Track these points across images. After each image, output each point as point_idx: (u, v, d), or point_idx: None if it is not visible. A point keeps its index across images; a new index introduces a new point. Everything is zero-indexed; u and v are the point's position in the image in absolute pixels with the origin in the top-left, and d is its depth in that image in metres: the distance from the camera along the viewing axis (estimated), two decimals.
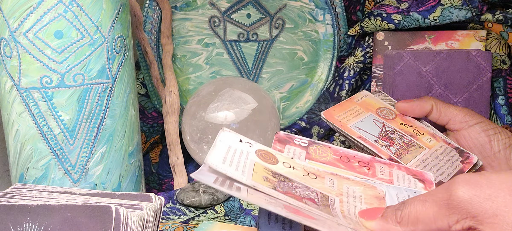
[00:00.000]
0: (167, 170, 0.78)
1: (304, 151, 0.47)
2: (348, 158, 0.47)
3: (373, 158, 0.48)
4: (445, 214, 0.32)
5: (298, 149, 0.47)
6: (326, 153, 0.47)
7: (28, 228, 0.38)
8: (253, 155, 0.41)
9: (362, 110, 0.57)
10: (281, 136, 0.49)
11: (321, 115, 0.56)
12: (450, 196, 0.32)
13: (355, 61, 0.79)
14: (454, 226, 0.32)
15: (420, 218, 0.33)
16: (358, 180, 0.44)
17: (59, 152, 0.53)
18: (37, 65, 0.51)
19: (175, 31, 0.81)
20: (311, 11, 0.82)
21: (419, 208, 0.33)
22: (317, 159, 0.46)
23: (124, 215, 0.38)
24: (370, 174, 0.45)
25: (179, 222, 0.60)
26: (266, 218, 0.38)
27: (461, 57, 0.68)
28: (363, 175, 0.45)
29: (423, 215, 0.33)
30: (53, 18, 0.50)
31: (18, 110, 0.53)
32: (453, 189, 0.32)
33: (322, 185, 0.42)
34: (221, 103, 0.68)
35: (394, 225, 0.34)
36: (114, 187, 0.56)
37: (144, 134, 0.79)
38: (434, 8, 0.73)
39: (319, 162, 0.46)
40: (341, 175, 0.44)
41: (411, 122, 0.57)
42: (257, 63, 0.83)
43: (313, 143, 0.48)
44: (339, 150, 0.48)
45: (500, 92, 0.72)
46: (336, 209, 0.39)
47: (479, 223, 0.31)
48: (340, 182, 0.43)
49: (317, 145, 0.48)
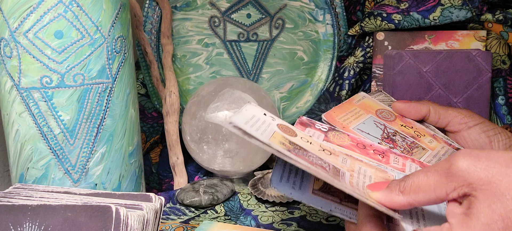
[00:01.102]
0: (167, 170, 0.78)
1: (323, 135, 0.49)
2: (365, 146, 0.49)
3: (388, 149, 0.49)
4: (444, 182, 0.34)
5: (318, 132, 0.49)
6: (344, 138, 0.49)
7: (28, 228, 0.38)
8: (274, 125, 0.43)
9: (362, 112, 0.57)
10: (304, 119, 0.51)
11: (322, 117, 0.56)
12: (450, 166, 0.34)
13: (355, 61, 0.79)
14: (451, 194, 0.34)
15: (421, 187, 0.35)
16: (371, 163, 0.46)
17: (59, 152, 0.53)
18: (37, 65, 0.51)
19: (175, 31, 0.81)
20: (311, 11, 0.82)
21: (421, 178, 0.35)
22: (334, 142, 0.48)
23: (124, 215, 0.38)
24: (383, 162, 0.47)
25: (179, 222, 0.60)
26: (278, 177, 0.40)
27: (461, 57, 0.68)
28: (376, 161, 0.47)
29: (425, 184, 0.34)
30: (53, 18, 0.50)
31: (18, 110, 0.53)
32: (453, 160, 0.34)
33: (336, 160, 0.44)
34: (221, 103, 0.68)
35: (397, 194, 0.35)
36: (114, 187, 0.56)
37: (144, 134, 0.79)
38: (434, 8, 0.73)
39: (336, 144, 0.48)
40: (355, 157, 0.46)
41: (412, 124, 0.57)
42: (257, 63, 0.83)
43: (332, 129, 0.51)
44: (357, 138, 0.50)
45: (500, 92, 0.72)
46: (346, 180, 0.40)
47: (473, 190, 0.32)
48: (353, 162, 0.45)
49: (337, 131, 0.50)
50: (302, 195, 0.40)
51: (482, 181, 0.32)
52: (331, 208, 0.40)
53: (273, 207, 0.63)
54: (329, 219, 0.59)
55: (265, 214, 0.61)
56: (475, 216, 0.32)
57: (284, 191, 0.39)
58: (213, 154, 0.69)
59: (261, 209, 0.63)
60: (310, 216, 0.60)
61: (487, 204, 0.31)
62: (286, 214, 0.61)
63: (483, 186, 0.32)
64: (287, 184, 0.40)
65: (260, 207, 0.63)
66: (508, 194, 0.31)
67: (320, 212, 0.61)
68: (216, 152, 0.69)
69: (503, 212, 0.31)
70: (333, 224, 0.58)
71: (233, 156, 0.69)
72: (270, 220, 0.60)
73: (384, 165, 0.47)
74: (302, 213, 0.61)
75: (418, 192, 0.35)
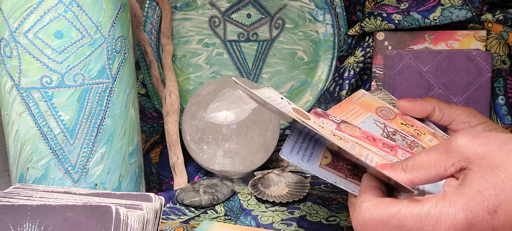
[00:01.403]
0: (167, 170, 0.78)
1: (335, 125, 0.51)
2: (374, 139, 0.51)
3: (397, 145, 0.51)
4: (443, 158, 0.35)
5: (330, 122, 0.51)
6: (355, 131, 0.51)
7: (28, 228, 0.38)
8: (289, 108, 0.45)
9: (362, 111, 0.57)
10: (318, 110, 0.53)
11: None
12: (450, 143, 0.35)
13: (355, 61, 0.79)
14: (449, 169, 0.35)
15: (422, 165, 0.36)
16: (378, 153, 0.48)
17: (59, 152, 0.53)
18: (37, 65, 0.51)
19: (175, 31, 0.81)
20: (311, 11, 0.82)
21: (423, 156, 0.37)
22: (345, 132, 0.50)
23: (124, 215, 0.38)
24: (391, 154, 0.49)
25: (179, 222, 0.60)
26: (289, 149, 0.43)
27: (461, 57, 0.68)
28: (384, 152, 0.48)
29: (425, 162, 0.36)
30: (53, 18, 0.50)
31: (18, 110, 0.53)
32: (453, 138, 0.36)
33: (345, 144, 0.46)
34: (221, 103, 0.68)
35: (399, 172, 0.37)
36: (114, 187, 0.56)
37: (144, 134, 0.79)
38: (434, 8, 0.73)
39: (347, 134, 0.50)
40: (363, 145, 0.48)
41: (412, 122, 0.57)
42: (257, 63, 0.83)
43: (345, 122, 0.52)
44: (368, 132, 0.52)
45: (500, 92, 0.72)
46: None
47: (469, 163, 0.34)
48: (362, 149, 0.47)
49: (349, 124, 0.52)
50: (309, 167, 0.42)
51: (478, 155, 0.33)
52: (336, 180, 0.42)
53: (273, 207, 0.63)
54: (329, 219, 0.59)
55: (265, 214, 0.61)
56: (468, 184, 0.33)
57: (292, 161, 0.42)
58: (213, 154, 0.69)
59: (261, 209, 0.63)
60: (310, 216, 0.60)
61: (480, 175, 0.32)
62: (286, 214, 0.61)
63: (478, 160, 0.33)
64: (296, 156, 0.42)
65: (260, 207, 0.63)
66: (501, 166, 0.32)
67: (320, 211, 0.61)
68: (216, 152, 0.69)
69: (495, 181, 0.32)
70: (333, 224, 0.58)
71: (233, 156, 0.69)
72: (270, 220, 0.60)
73: (391, 156, 0.48)
74: (302, 213, 0.61)
75: (419, 169, 0.36)
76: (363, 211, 0.36)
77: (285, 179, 0.67)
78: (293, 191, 0.65)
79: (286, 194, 0.64)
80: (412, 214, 0.34)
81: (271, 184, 0.66)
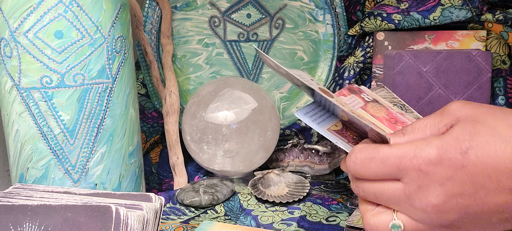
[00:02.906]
0: (167, 170, 0.78)
1: (363, 103, 0.52)
2: (396, 121, 0.52)
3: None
4: (438, 120, 0.38)
5: (359, 100, 0.52)
6: (381, 111, 0.52)
7: (28, 228, 0.38)
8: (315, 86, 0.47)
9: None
10: (353, 86, 0.54)
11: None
12: (445, 108, 0.39)
13: (355, 61, 0.79)
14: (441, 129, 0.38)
15: (419, 128, 0.39)
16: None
17: (59, 152, 0.53)
18: (37, 65, 0.51)
19: (175, 31, 0.81)
20: (311, 11, 0.82)
21: (420, 121, 0.40)
22: (369, 111, 0.51)
23: (124, 215, 0.38)
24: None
25: (179, 222, 0.60)
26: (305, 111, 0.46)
27: (461, 57, 0.68)
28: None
29: (421, 126, 0.39)
30: (53, 18, 0.50)
31: (18, 110, 0.53)
32: (449, 104, 0.39)
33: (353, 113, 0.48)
34: (221, 103, 0.68)
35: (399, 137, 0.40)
36: (114, 187, 0.56)
37: (144, 134, 0.79)
38: (434, 8, 0.73)
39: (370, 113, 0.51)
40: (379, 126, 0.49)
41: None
42: (257, 63, 0.83)
43: (375, 101, 0.53)
44: (393, 113, 0.53)
45: (500, 92, 0.72)
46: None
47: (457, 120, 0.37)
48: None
49: (378, 103, 0.53)
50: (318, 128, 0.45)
51: (467, 115, 0.37)
52: (337, 141, 0.45)
53: (273, 207, 0.63)
54: (329, 219, 0.59)
55: (265, 214, 0.61)
56: (449, 132, 0.36)
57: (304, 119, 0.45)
58: (213, 154, 0.69)
59: (261, 209, 0.63)
60: (310, 216, 0.60)
61: (462, 127, 0.36)
62: (286, 214, 0.61)
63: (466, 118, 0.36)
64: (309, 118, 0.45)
65: (260, 207, 0.63)
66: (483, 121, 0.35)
67: (320, 212, 0.61)
68: (216, 152, 0.69)
69: (472, 131, 0.35)
70: (333, 224, 0.58)
71: (233, 156, 0.69)
72: (270, 220, 0.60)
73: None
74: (302, 213, 0.61)
75: (416, 131, 0.39)
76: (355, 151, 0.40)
77: (285, 179, 0.67)
78: (293, 191, 0.65)
79: (286, 194, 0.64)
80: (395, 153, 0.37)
81: (271, 184, 0.67)
